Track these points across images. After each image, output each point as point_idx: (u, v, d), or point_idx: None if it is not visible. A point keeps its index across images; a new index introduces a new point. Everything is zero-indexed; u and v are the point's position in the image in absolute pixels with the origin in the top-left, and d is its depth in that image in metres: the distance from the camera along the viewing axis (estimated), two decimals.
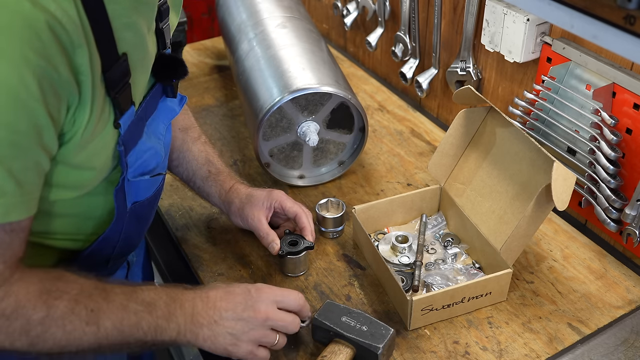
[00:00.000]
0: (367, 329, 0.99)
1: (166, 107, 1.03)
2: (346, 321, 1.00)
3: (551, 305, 1.11)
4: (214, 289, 0.94)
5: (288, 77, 1.31)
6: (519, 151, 1.14)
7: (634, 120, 1.12)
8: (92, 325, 0.82)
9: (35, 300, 0.79)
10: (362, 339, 0.98)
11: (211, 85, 1.81)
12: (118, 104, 0.84)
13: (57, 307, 0.80)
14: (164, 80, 0.99)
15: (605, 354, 1.03)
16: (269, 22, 1.51)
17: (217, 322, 0.91)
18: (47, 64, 0.70)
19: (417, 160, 1.48)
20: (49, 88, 0.72)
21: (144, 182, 0.98)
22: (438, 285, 1.12)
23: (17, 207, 0.76)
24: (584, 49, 1.18)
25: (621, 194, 1.16)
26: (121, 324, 0.84)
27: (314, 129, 1.34)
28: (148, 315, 0.86)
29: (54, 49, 0.71)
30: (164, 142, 1.03)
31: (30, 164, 0.75)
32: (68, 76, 0.74)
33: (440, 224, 1.28)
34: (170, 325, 0.88)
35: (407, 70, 1.67)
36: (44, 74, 0.71)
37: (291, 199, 1.19)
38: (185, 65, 1.01)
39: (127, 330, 0.85)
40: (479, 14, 1.39)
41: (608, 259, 1.21)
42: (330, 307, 1.03)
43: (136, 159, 0.93)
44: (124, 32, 0.82)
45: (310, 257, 1.21)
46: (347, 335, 0.99)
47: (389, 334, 0.99)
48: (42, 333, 0.80)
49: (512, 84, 1.39)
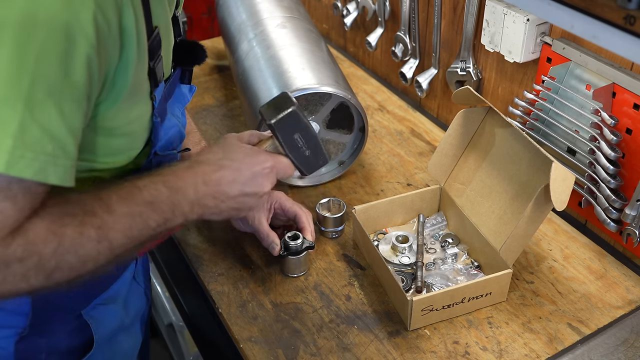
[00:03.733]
0: (309, 154, 1.02)
1: (181, 93, 1.06)
2: (297, 139, 1.01)
3: (551, 305, 1.11)
4: (209, 164, 0.94)
5: (288, 77, 1.31)
6: (518, 151, 1.14)
7: (634, 120, 1.12)
8: (103, 242, 0.81)
9: (44, 234, 0.77)
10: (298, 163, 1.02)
11: (211, 85, 1.81)
12: (154, 74, 0.87)
13: (66, 234, 0.78)
14: (185, 65, 1.03)
15: (605, 354, 1.03)
16: (269, 22, 1.51)
17: (224, 201, 0.94)
18: (103, 18, 0.73)
19: (417, 160, 1.48)
20: (102, 40, 0.74)
21: (168, 158, 1.00)
22: (438, 286, 1.12)
23: (68, 172, 0.76)
24: (584, 49, 1.18)
25: (621, 194, 1.16)
26: (130, 231, 0.84)
27: (314, 129, 1.34)
28: (153, 213, 0.87)
29: (109, 6, 0.73)
30: (181, 124, 1.06)
31: (78, 109, 0.76)
32: (116, 34, 0.76)
33: (440, 223, 1.28)
34: (176, 215, 0.89)
35: (407, 70, 1.67)
36: (100, 26, 0.73)
37: (290, 200, 1.20)
38: (205, 50, 1.05)
39: (137, 234, 0.85)
40: (479, 14, 1.38)
41: (608, 259, 1.21)
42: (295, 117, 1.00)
43: (164, 134, 0.96)
44: (157, 6, 0.86)
45: (310, 257, 1.21)
46: (287, 154, 1.02)
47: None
48: (56, 264, 0.78)
49: (512, 84, 1.39)
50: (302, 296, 1.14)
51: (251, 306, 1.13)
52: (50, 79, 0.71)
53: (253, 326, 1.09)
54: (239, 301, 1.14)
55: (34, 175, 0.72)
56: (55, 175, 0.74)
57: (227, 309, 1.12)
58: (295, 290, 1.15)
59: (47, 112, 0.72)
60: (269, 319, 1.10)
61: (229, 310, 1.12)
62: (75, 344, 1.05)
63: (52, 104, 0.72)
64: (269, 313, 1.11)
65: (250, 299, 1.14)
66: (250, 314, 1.11)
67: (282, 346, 1.05)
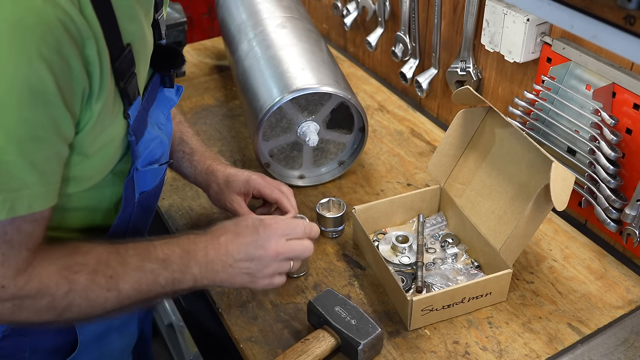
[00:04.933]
0: (355, 323, 1.00)
1: (164, 98, 1.05)
2: (338, 311, 1.02)
3: (551, 305, 1.11)
4: (223, 233, 0.97)
5: (288, 77, 1.31)
6: (518, 151, 1.14)
7: (634, 120, 1.12)
8: (112, 291, 0.87)
9: (57, 278, 0.84)
10: (347, 332, 0.99)
11: (211, 85, 1.81)
12: (126, 94, 0.87)
13: (78, 280, 0.85)
14: (162, 70, 1.02)
15: (605, 354, 1.03)
16: (269, 22, 1.51)
17: (232, 265, 0.95)
18: (60, 58, 0.73)
19: (417, 160, 1.48)
20: (64, 81, 0.74)
21: (151, 172, 1.00)
22: (438, 286, 1.12)
23: (40, 197, 0.79)
24: (584, 49, 1.18)
25: (621, 194, 1.16)
26: (139, 285, 0.89)
27: (314, 129, 1.34)
28: (164, 271, 0.90)
29: (66, 43, 0.73)
30: (166, 132, 1.05)
31: (51, 154, 0.78)
32: (80, 68, 0.76)
33: (440, 223, 1.28)
34: (186, 277, 0.93)
35: (407, 70, 1.67)
36: (59, 68, 0.73)
37: (269, 185, 1.19)
38: (182, 55, 1.04)
39: (146, 289, 0.90)
40: (479, 14, 1.38)
41: (608, 259, 1.21)
42: (328, 295, 1.05)
43: (144, 148, 0.96)
44: (128, 23, 0.85)
45: (311, 257, 1.21)
46: (334, 325, 1.00)
47: (375, 333, 0.99)
48: (67, 306, 0.85)
49: (512, 84, 1.39)
50: (302, 296, 1.14)
51: (251, 306, 1.13)
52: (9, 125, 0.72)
53: (253, 326, 1.09)
54: (239, 301, 1.14)
55: (7, 215, 0.76)
56: (22, 208, 0.78)
57: (227, 309, 1.12)
58: (295, 290, 1.15)
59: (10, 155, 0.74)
60: (269, 319, 1.10)
61: (229, 310, 1.12)
62: (60, 343, 1.05)
63: (15, 149, 0.74)
64: (269, 313, 1.11)
65: (250, 299, 1.14)
66: (250, 314, 1.11)
67: (282, 346, 1.05)
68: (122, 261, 0.88)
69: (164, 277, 0.90)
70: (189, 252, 0.93)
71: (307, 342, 1.00)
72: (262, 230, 0.98)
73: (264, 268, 0.97)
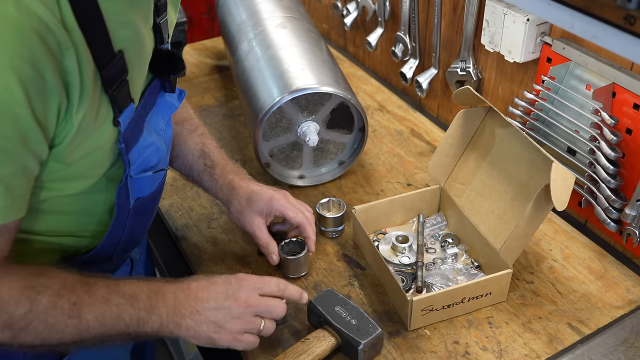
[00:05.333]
0: (355, 322, 1.00)
1: (165, 103, 1.03)
2: (338, 311, 1.02)
3: (551, 305, 1.11)
4: (195, 280, 0.95)
5: (288, 77, 1.31)
6: (518, 151, 1.14)
7: (634, 120, 1.12)
8: (74, 319, 0.84)
9: (18, 296, 0.81)
10: (347, 331, 0.99)
11: (211, 85, 1.81)
12: (116, 101, 0.84)
13: (40, 301, 0.82)
14: (161, 76, 0.99)
15: (605, 354, 1.03)
16: (269, 22, 1.51)
17: (199, 311, 0.92)
18: (33, 70, 0.70)
19: (417, 160, 1.48)
20: (34, 93, 0.72)
21: (147, 179, 0.98)
22: (438, 286, 1.12)
23: (5, 210, 0.77)
24: (584, 49, 1.18)
25: (621, 194, 1.16)
26: (103, 317, 0.85)
27: (314, 129, 1.34)
28: (130, 307, 0.87)
29: (40, 54, 0.70)
30: (164, 138, 1.03)
31: (17, 168, 0.76)
32: (55, 80, 0.73)
33: (440, 223, 1.28)
34: (152, 317, 0.89)
35: (407, 70, 1.67)
36: (30, 79, 0.70)
37: (293, 207, 1.16)
38: (182, 61, 1.01)
39: (109, 323, 0.86)
40: (479, 14, 1.39)
41: (608, 259, 1.21)
42: (329, 295, 1.05)
43: (138, 155, 0.93)
44: (120, 30, 0.82)
45: (311, 257, 1.21)
46: (334, 324, 1.00)
47: (375, 333, 0.99)
48: (24, 327, 0.81)
49: (512, 84, 1.39)
50: None
51: None
52: None
53: None
54: None
55: None
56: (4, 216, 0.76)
57: None
58: None
59: None
60: None
61: None
62: None
63: None
64: None
65: None
66: None
67: (282, 346, 1.05)
68: (88, 290, 0.85)
69: (129, 314, 0.87)
70: (158, 292, 0.90)
71: (307, 342, 1.00)
72: (235, 281, 0.95)
73: (232, 319, 0.93)
